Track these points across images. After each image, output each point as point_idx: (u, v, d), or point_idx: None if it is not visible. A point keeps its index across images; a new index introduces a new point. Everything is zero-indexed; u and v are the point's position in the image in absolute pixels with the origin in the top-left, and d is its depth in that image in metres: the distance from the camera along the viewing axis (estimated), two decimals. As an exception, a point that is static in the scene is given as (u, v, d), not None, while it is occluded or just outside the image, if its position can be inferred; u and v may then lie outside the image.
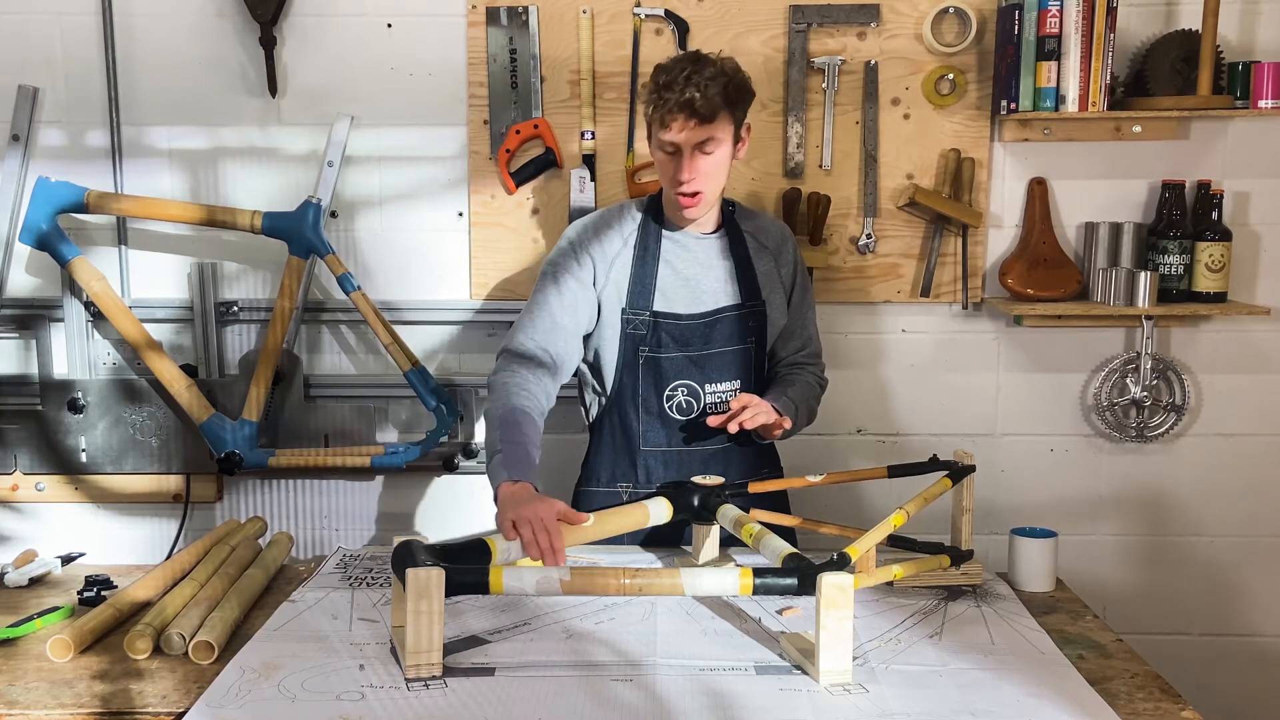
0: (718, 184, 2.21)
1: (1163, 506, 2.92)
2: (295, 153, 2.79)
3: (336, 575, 2.13)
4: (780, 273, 2.35)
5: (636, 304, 2.26)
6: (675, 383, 2.27)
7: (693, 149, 2.13)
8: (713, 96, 2.10)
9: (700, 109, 2.09)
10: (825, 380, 2.47)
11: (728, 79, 2.13)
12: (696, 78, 2.09)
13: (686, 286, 2.28)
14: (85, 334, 2.81)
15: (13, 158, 2.75)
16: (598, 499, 2.32)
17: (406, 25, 2.74)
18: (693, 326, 2.27)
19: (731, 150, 2.19)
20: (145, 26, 2.74)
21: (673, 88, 2.10)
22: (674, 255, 2.28)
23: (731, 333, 2.28)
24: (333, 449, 2.82)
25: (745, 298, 2.30)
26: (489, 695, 1.63)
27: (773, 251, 2.35)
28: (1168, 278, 2.73)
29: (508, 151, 2.75)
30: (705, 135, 2.12)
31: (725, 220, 2.32)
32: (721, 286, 2.29)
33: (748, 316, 2.30)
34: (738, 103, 2.16)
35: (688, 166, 2.14)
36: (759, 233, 2.35)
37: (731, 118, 2.15)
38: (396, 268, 2.83)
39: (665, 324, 2.25)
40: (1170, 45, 2.66)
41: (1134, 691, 1.69)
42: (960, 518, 2.12)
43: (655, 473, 2.30)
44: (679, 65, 2.13)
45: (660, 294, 2.27)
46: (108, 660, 1.80)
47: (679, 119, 2.11)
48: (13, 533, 2.90)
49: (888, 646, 1.81)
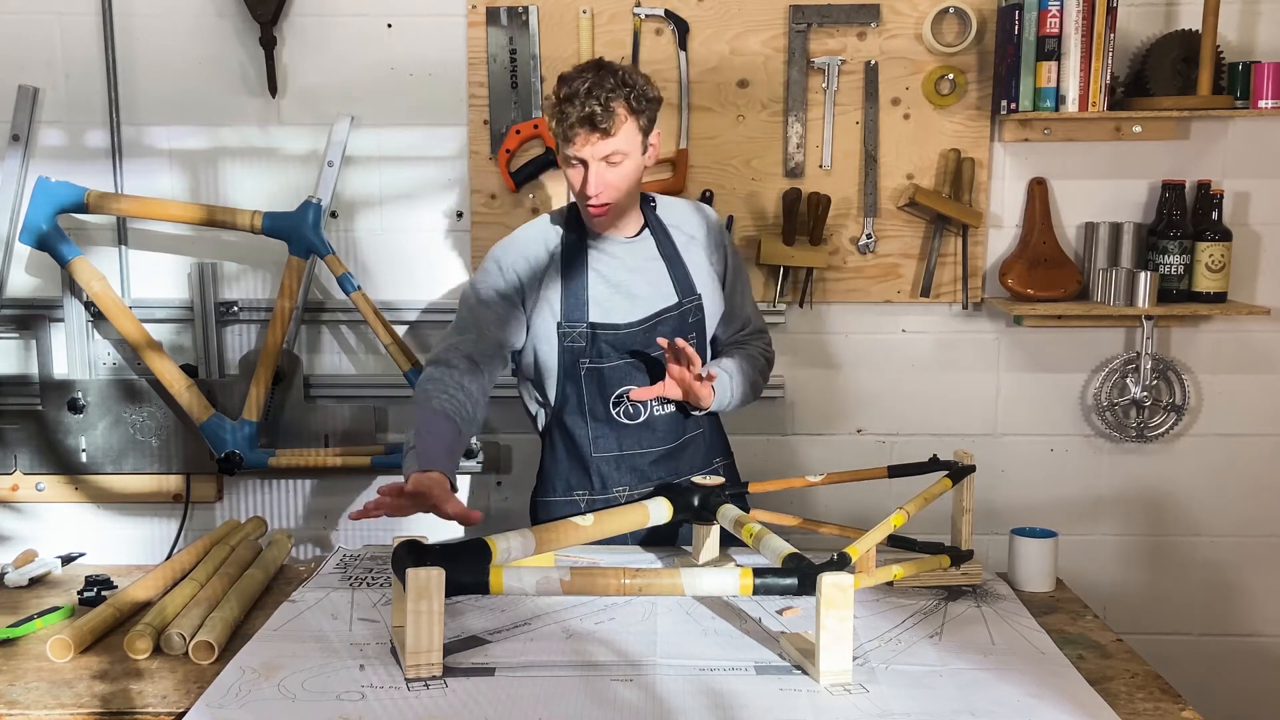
0: (627, 193, 2.16)
1: (1163, 506, 2.92)
2: (295, 153, 2.79)
3: (336, 575, 2.13)
4: (711, 260, 2.30)
5: (572, 317, 2.21)
6: (620, 389, 2.22)
7: (598, 162, 2.09)
8: (615, 109, 2.05)
9: (602, 124, 2.05)
10: (770, 353, 2.41)
11: (630, 89, 2.08)
12: (598, 90, 2.04)
13: (620, 293, 2.23)
14: (85, 334, 2.81)
15: (13, 158, 2.75)
16: (556, 508, 2.30)
17: (406, 25, 2.74)
18: (632, 334, 2.22)
19: (640, 159, 2.15)
20: (145, 26, 2.75)
21: (574, 101, 2.05)
22: (601, 263, 2.23)
23: (672, 332, 2.21)
24: (333, 449, 2.82)
25: (682, 295, 2.25)
26: (489, 695, 1.62)
27: (701, 241, 2.29)
28: (1168, 278, 2.73)
29: (508, 151, 2.75)
30: (610, 149, 2.08)
31: (647, 219, 2.27)
32: (656, 289, 2.24)
33: (687, 313, 2.25)
34: (642, 112, 2.11)
35: (593, 180, 2.09)
36: (685, 224, 2.30)
37: (637, 128, 2.11)
38: (396, 268, 2.83)
39: (604, 334, 2.20)
40: (1170, 45, 2.66)
41: (1134, 691, 1.69)
42: (960, 518, 2.12)
43: (610, 478, 2.27)
44: (580, 76, 2.07)
45: (595, 304, 2.21)
46: (108, 660, 1.80)
47: (581, 134, 2.06)
48: (13, 533, 2.90)
49: (888, 646, 1.81)
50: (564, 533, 1.95)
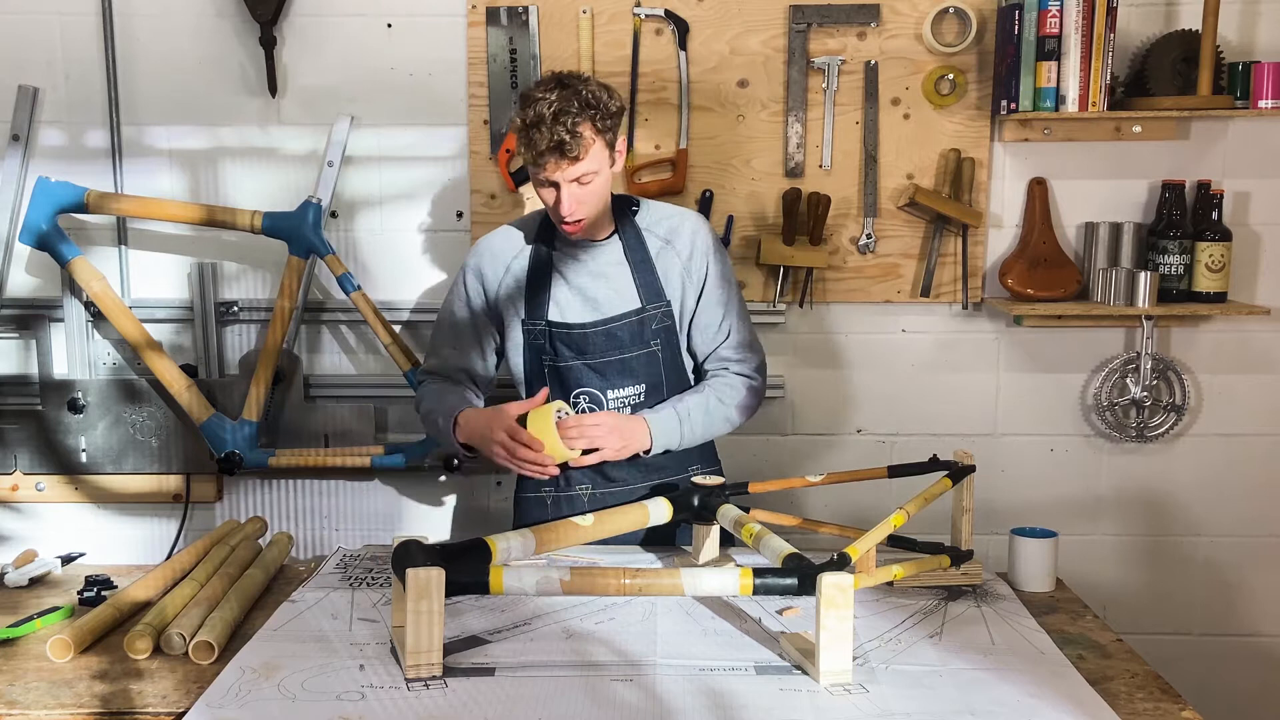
0: (598, 205, 2.17)
1: (1163, 506, 2.92)
2: (295, 153, 2.79)
3: (336, 575, 2.13)
4: (688, 267, 2.26)
5: (533, 315, 2.25)
6: (577, 390, 2.24)
7: (569, 184, 2.09)
8: (582, 134, 2.05)
9: (571, 152, 2.05)
10: (756, 380, 2.31)
11: (595, 111, 2.07)
12: (564, 117, 2.03)
13: (581, 296, 2.24)
14: (85, 334, 2.81)
15: (13, 158, 2.75)
16: (529, 505, 2.34)
17: (406, 25, 2.74)
18: (586, 335, 2.23)
19: (609, 172, 2.15)
20: (145, 26, 2.75)
21: (540, 127, 2.03)
22: (565, 265, 2.25)
23: (633, 337, 2.23)
24: (333, 449, 2.82)
25: (647, 300, 2.24)
26: (489, 695, 1.63)
27: (678, 247, 2.26)
28: (1168, 278, 2.73)
29: (508, 151, 2.75)
30: (579, 172, 2.08)
31: (620, 223, 2.26)
32: (617, 294, 2.24)
33: (649, 319, 2.24)
34: (608, 129, 2.11)
35: (566, 201, 2.10)
36: (664, 230, 2.27)
37: (604, 144, 2.11)
38: (396, 268, 2.83)
39: (559, 333, 2.23)
40: (1170, 45, 2.66)
41: (1134, 691, 1.69)
42: (960, 518, 2.12)
43: (573, 476, 2.27)
44: (544, 99, 2.05)
45: (554, 304, 2.24)
46: (108, 660, 1.80)
47: (551, 160, 2.06)
48: (13, 533, 2.90)
49: (888, 646, 1.81)
50: (564, 533, 1.95)
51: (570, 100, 2.05)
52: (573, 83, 2.09)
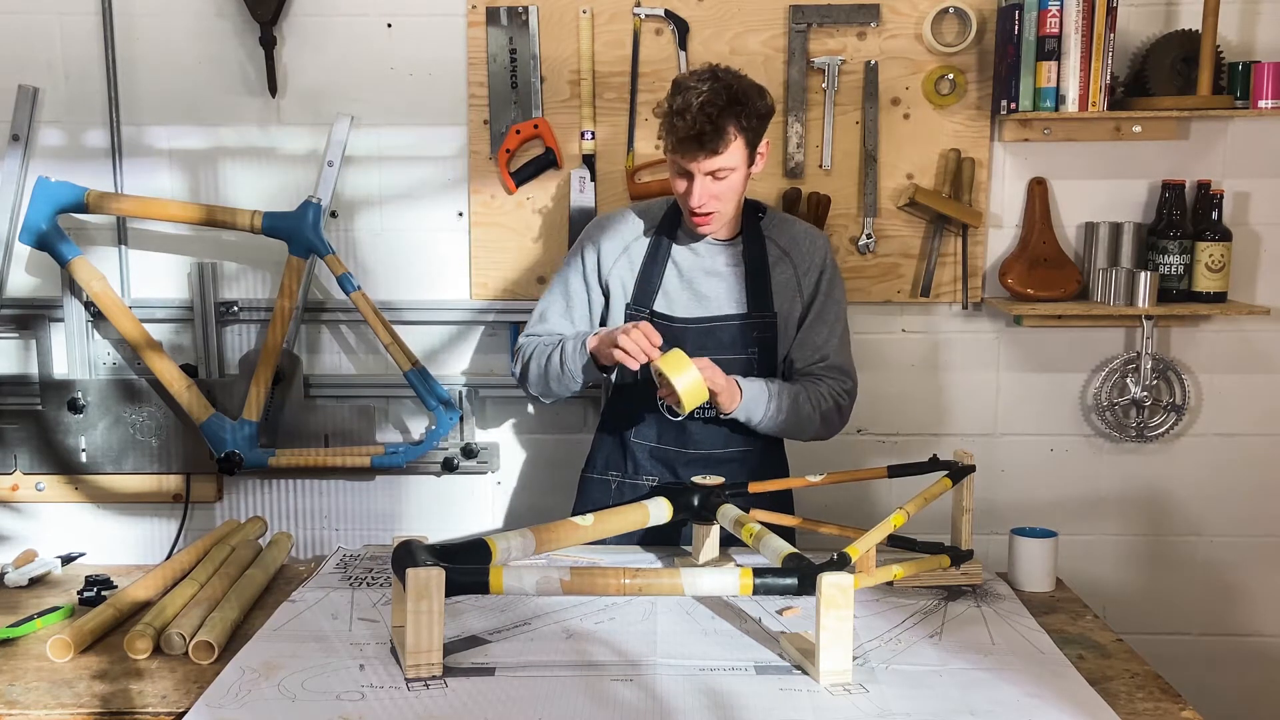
0: (732, 202, 2.18)
1: (1163, 506, 2.92)
2: (295, 153, 2.79)
3: (336, 575, 2.13)
4: (801, 282, 2.28)
5: (639, 301, 2.26)
6: None
7: (703, 176, 2.10)
8: (725, 128, 2.05)
9: (710, 144, 2.05)
10: (839, 393, 2.27)
11: (742, 108, 2.07)
12: (710, 108, 2.03)
13: (690, 290, 2.26)
14: (85, 334, 2.81)
15: (13, 158, 2.75)
16: (592, 486, 2.36)
17: (406, 25, 2.74)
18: (686, 330, 2.24)
19: (746, 171, 2.16)
20: (145, 26, 2.74)
21: (685, 115, 2.03)
22: (682, 258, 2.27)
23: (732, 340, 2.24)
24: (333, 449, 2.82)
25: (754, 307, 2.25)
26: (489, 695, 1.63)
27: (795, 261, 2.27)
28: (1168, 278, 2.73)
29: (508, 151, 2.75)
30: (716, 166, 2.09)
31: (746, 227, 2.27)
32: (727, 294, 2.26)
33: (752, 326, 2.25)
34: (752, 129, 2.11)
35: (698, 193, 2.11)
36: (785, 240, 2.28)
37: (745, 143, 2.10)
38: (396, 268, 2.83)
39: (661, 325, 2.22)
40: (1170, 45, 2.66)
41: (1134, 691, 1.69)
42: (960, 518, 2.12)
43: (644, 466, 2.30)
44: (694, 87, 2.05)
45: (663, 295, 2.26)
46: (108, 660, 1.80)
47: (690, 149, 2.06)
48: (13, 533, 2.90)
49: (888, 646, 1.81)
50: (564, 533, 1.95)
51: (720, 94, 2.05)
52: (726, 77, 2.09)
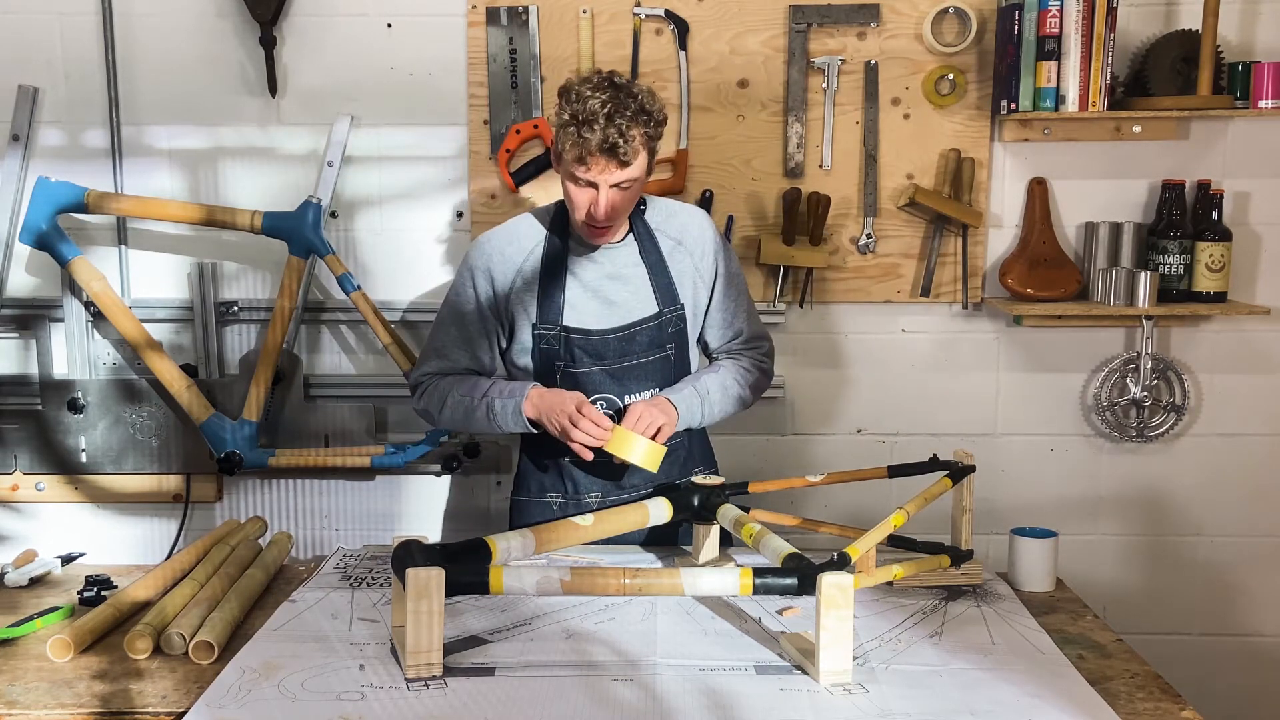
0: (629, 211, 2.14)
1: (1163, 506, 2.92)
2: (295, 153, 2.79)
3: (336, 575, 2.13)
4: (700, 266, 2.24)
5: (546, 319, 2.18)
6: (593, 396, 2.17)
7: (610, 188, 2.05)
8: (634, 139, 2.01)
9: (623, 156, 2.01)
10: (766, 363, 2.33)
11: (648, 118, 2.04)
12: (619, 120, 1.98)
13: (598, 299, 2.19)
14: (85, 334, 2.81)
15: (13, 158, 2.75)
16: (530, 509, 2.30)
17: (406, 25, 2.74)
18: (606, 341, 2.19)
19: (644, 179, 2.12)
20: (145, 26, 2.74)
21: (593, 125, 1.98)
22: (581, 268, 2.19)
23: (650, 342, 2.20)
24: (333, 449, 2.82)
25: (663, 304, 2.21)
26: (489, 695, 1.63)
27: (689, 247, 2.23)
28: (1168, 278, 2.73)
29: (508, 151, 2.75)
30: (624, 177, 2.05)
31: (634, 224, 2.21)
32: (635, 297, 2.20)
33: (666, 323, 2.21)
34: (656, 138, 2.09)
35: (604, 205, 2.06)
36: (675, 230, 2.24)
37: (648, 152, 2.08)
38: (396, 268, 2.83)
39: (577, 339, 2.18)
40: (1170, 45, 2.66)
41: (1134, 691, 1.69)
42: (960, 518, 2.12)
43: (582, 484, 2.26)
44: (599, 99, 2.00)
45: (570, 308, 2.18)
46: (108, 660, 1.80)
47: (600, 162, 2.01)
48: (13, 533, 2.90)
49: (888, 646, 1.81)
50: (564, 533, 1.95)
51: (626, 101, 2.01)
52: (626, 85, 2.05)
